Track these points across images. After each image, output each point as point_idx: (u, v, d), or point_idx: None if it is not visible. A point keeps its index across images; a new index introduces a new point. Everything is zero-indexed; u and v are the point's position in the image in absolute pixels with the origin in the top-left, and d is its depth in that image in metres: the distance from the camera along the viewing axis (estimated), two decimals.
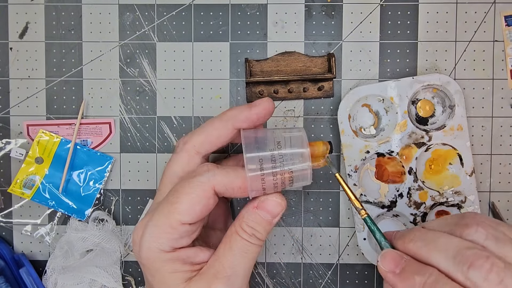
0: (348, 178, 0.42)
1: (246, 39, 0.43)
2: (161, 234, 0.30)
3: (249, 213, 0.31)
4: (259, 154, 0.31)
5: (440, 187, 0.42)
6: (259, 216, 0.31)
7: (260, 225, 0.31)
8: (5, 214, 0.44)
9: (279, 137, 0.32)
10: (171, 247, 0.30)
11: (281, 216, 0.33)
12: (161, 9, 0.43)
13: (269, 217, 0.31)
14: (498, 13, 0.43)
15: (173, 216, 0.29)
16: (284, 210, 0.32)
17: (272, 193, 0.32)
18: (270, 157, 0.31)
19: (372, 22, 0.43)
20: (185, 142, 0.34)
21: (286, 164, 0.31)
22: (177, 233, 0.30)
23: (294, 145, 0.31)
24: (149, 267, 0.30)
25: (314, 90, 0.43)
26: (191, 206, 0.29)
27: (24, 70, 0.43)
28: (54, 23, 0.43)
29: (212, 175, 0.30)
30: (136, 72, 0.43)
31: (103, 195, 0.44)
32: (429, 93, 0.43)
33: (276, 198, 0.31)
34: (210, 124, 0.34)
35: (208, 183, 0.30)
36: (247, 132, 0.32)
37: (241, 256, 0.31)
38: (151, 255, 0.30)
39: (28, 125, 0.43)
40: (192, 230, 0.31)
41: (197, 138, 0.33)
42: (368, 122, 0.43)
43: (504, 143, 0.43)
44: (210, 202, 0.30)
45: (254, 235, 0.31)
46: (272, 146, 0.31)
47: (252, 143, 0.31)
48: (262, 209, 0.31)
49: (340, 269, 0.44)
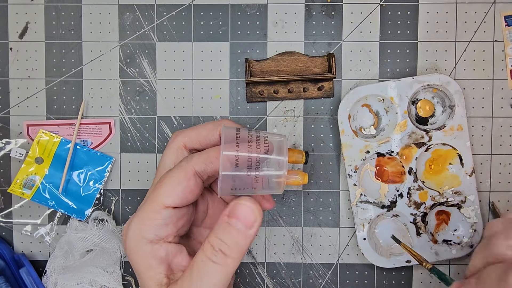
0: (348, 178, 0.42)
1: (246, 39, 0.43)
2: (145, 221, 0.30)
3: (219, 223, 0.28)
4: (236, 146, 0.30)
5: (440, 187, 0.42)
6: (228, 226, 0.27)
7: (229, 235, 0.27)
8: (5, 214, 0.44)
9: (260, 136, 0.31)
10: (155, 235, 0.30)
11: (257, 232, 0.28)
12: (161, 9, 0.43)
13: (242, 227, 0.27)
14: (498, 13, 0.43)
15: (156, 200, 0.30)
16: (259, 220, 0.28)
17: (243, 195, 0.29)
18: (247, 146, 0.30)
19: (372, 22, 0.43)
20: (176, 135, 0.34)
21: (262, 166, 0.30)
22: (160, 217, 0.30)
23: (275, 149, 0.31)
24: (131, 258, 0.30)
25: (314, 90, 0.43)
26: (171, 187, 0.30)
27: (24, 70, 0.43)
28: (54, 23, 0.43)
29: (190, 158, 0.31)
30: (136, 72, 0.43)
31: (103, 195, 0.44)
32: (429, 93, 0.43)
33: (248, 203, 0.28)
34: (204, 124, 0.34)
35: (187, 165, 0.30)
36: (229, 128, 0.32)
37: (202, 282, 0.27)
38: (134, 244, 0.30)
39: (28, 125, 0.43)
40: (176, 216, 0.30)
41: (188, 133, 0.34)
42: (368, 122, 0.43)
43: (504, 143, 0.43)
44: (191, 184, 0.30)
45: (220, 251, 0.27)
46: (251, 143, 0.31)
47: (232, 137, 0.31)
48: (233, 217, 0.27)
49: (340, 269, 0.44)
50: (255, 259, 0.44)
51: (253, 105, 0.43)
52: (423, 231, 0.42)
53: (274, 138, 0.32)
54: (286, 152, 0.31)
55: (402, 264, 0.42)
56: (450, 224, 0.43)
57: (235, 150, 0.30)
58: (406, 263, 0.42)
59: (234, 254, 0.27)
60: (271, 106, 0.43)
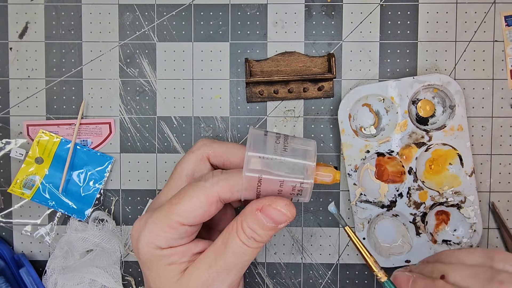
0: (348, 177, 0.42)
1: (246, 39, 0.43)
2: (159, 232, 0.30)
3: (251, 214, 0.29)
4: (262, 154, 0.29)
5: (440, 187, 0.42)
6: (261, 220, 0.29)
7: (261, 229, 0.29)
8: (5, 214, 0.44)
9: (287, 144, 0.30)
10: (168, 245, 0.30)
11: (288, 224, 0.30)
12: (161, 9, 0.43)
13: (272, 223, 0.29)
14: (498, 13, 0.43)
15: (172, 216, 0.29)
16: (291, 220, 0.30)
17: (278, 196, 0.30)
18: (272, 161, 0.29)
19: (372, 22, 0.43)
20: (203, 144, 0.34)
21: (287, 174, 0.29)
22: (176, 233, 0.30)
23: (300, 156, 0.30)
24: (146, 261, 0.31)
25: (314, 90, 0.43)
26: (191, 210, 0.29)
27: (24, 70, 0.43)
28: (54, 23, 0.43)
29: (216, 181, 0.30)
30: (136, 72, 0.43)
31: (103, 195, 0.44)
32: (429, 93, 0.43)
33: (281, 208, 0.29)
34: (234, 146, 0.33)
35: (212, 189, 0.29)
36: (257, 130, 0.31)
37: (235, 257, 0.29)
38: (148, 250, 0.30)
39: (28, 125, 0.43)
40: (192, 231, 0.31)
41: (215, 147, 0.33)
42: (369, 122, 0.43)
43: (504, 143, 0.43)
44: (211, 209, 0.30)
45: (253, 238, 0.29)
46: (277, 150, 0.30)
47: (260, 143, 0.30)
48: (265, 215, 0.29)
49: (340, 269, 0.44)
50: (255, 259, 0.44)
51: (253, 105, 0.43)
52: (422, 231, 0.42)
53: (301, 146, 0.30)
54: (314, 158, 0.30)
55: (401, 263, 0.42)
56: (449, 224, 0.43)
57: (258, 177, 0.29)
58: (406, 262, 0.42)
59: (264, 240, 0.30)
60: (271, 106, 0.43)
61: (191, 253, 0.31)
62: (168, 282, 0.30)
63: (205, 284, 0.29)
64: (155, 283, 0.31)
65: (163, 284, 0.30)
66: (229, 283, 0.30)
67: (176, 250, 0.30)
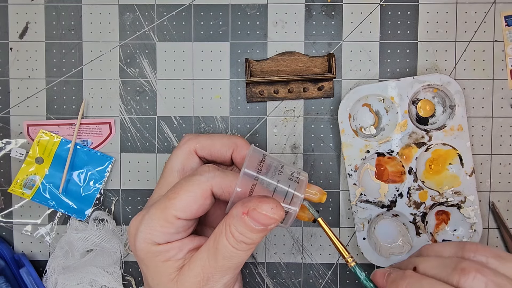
0: (348, 177, 0.42)
1: (246, 39, 0.43)
2: (156, 227, 0.30)
3: (238, 218, 0.29)
4: (257, 174, 0.30)
5: (440, 187, 0.42)
6: (249, 225, 0.28)
7: (251, 232, 0.29)
8: (5, 214, 0.44)
9: (282, 169, 0.31)
10: (165, 241, 0.30)
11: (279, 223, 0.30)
12: (161, 9, 0.43)
13: (260, 226, 0.28)
14: (498, 13, 0.43)
15: (169, 211, 0.30)
16: (279, 221, 0.29)
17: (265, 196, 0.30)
18: (267, 179, 0.30)
19: (372, 22, 0.43)
20: (188, 139, 0.34)
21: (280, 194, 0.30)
22: (173, 227, 0.30)
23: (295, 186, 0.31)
24: (143, 258, 0.31)
25: (314, 90, 0.43)
26: (187, 203, 0.30)
27: (24, 70, 0.43)
28: (54, 23, 0.43)
29: (212, 176, 0.30)
30: (136, 72, 0.43)
31: (103, 195, 0.44)
32: (429, 93, 0.43)
33: (266, 212, 0.28)
34: (220, 136, 0.34)
35: (207, 183, 0.30)
36: (256, 150, 0.32)
37: (226, 260, 0.29)
38: (145, 246, 0.30)
39: (28, 125, 0.43)
40: (188, 225, 0.31)
41: (201, 140, 0.34)
42: (369, 122, 0.43)
43: (504, 143, 0.43)
44: (206, 202, 0.30)
45: (242, 242, 0.29)
46: (273, 173, 0.31)
47: (255, 162, 0.31)
48: (252, 218, 0.28)
49: (340, 269, 0.44)
50: (255, 259, 0.44)
51: (253, 105, 0.43)
52: (422, 231, 0.42)
53: (300, 176, 0.32)
54: (304, 189, 0.31)
55: None
56: (449, 224, 0.43)
57: (252, 182, 0.30)
58: None
59: (255, 242, 0.30)
60: (271, 106, 0.43)
61: (187, 249, 0.31)
62: (165, 279, 0.30)
63: (200, 283, 0.30)
64: (153, 280, 0.31)
65: (160, 281, 0.30)
66: (225, 283, 0.30)
67: (173, 246, 0.30)
